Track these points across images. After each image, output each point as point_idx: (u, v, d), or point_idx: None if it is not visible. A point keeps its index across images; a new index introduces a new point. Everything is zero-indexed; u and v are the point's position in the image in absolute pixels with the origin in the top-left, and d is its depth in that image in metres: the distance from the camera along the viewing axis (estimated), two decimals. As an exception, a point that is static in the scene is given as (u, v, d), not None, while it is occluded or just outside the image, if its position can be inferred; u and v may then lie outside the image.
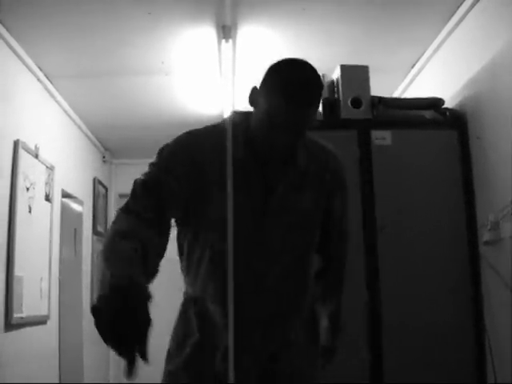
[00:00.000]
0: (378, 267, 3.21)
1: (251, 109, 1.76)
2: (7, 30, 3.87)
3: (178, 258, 1.90)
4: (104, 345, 1.31)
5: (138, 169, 1.84)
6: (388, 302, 3.19)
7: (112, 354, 6.84)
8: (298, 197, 1.80)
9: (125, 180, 4.66)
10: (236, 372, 1.63)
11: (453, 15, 3.70)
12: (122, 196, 7.18)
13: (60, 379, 5.00)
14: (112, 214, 7.21)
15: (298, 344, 1.85)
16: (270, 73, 1.68)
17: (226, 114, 5.85)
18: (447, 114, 3.54)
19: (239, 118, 1.83)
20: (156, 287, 1.54)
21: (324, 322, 2.00)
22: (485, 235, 3.20)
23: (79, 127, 5.94)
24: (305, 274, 1.87)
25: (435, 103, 3.58)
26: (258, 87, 1.71)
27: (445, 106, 3.59)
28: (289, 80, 1.63)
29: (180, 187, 1.73)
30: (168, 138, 1.85)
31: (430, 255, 3.26)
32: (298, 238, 1.81)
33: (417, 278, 3.24)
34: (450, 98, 3.67)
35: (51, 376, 4.84)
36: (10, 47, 4.01)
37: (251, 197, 1.76)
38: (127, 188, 1.77)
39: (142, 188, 1.72)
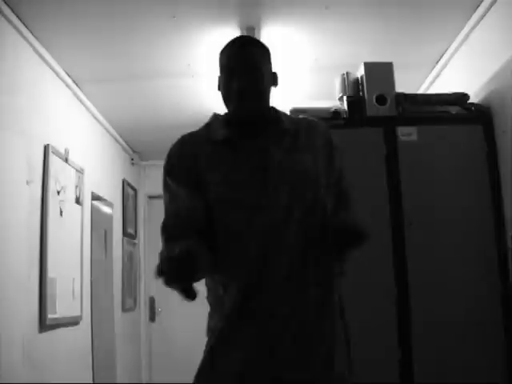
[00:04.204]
0: (406, 264, 3.21)
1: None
2: (36, 37, 3.94)
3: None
4: (136, 345, 1.47)
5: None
6: (417, 298, 3.19)
7: (144, 354, 6.93)
8: (294, 157, 1.91)
9: (153, 181, 4.69)
10: None
11: (476, 9, 3.69)
12: (151, 197, 7.26)
13: (93, 379, 5.07)
14: (141, 216, 7.31)
15: None
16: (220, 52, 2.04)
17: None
18: (472, 109, 3.54)
19: (217, 116, 2.13)
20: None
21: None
22: (513, 229, 3.19)
23: (107, 130, 6.02)
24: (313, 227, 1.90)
25: (460, 98, 3.58)
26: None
27: (470, 101, 3.59)
28: (232, 41, 2.06)
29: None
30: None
31: (458, 251, 3.26)
32: (301, 196, 1.86)
33: (445, 275, 3.23)
34: (475, 93, 3.66)
35: (85, 376, 4.91)
36: (39, 54, 4.08)
37: (249, 169, 1.89)
38: (156, 189, 1.85)
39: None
